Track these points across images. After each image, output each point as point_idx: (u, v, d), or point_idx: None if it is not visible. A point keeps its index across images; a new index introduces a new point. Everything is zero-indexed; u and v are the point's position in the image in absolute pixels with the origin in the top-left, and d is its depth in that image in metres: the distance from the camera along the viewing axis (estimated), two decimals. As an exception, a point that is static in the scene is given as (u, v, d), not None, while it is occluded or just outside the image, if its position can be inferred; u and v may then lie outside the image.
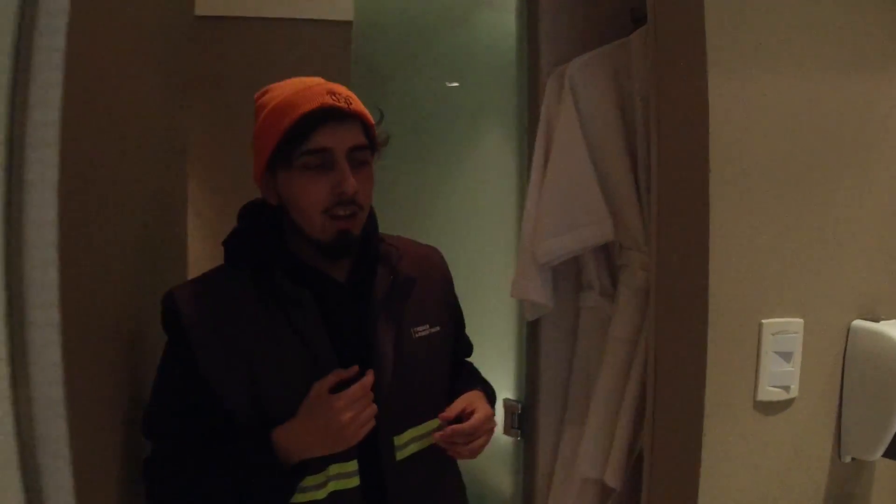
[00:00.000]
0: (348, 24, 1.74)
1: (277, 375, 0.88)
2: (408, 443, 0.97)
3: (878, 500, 0.99)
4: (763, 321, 0.87)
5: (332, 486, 0.89)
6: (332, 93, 0.87)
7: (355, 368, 0.87)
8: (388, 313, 0.97)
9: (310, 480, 0.88)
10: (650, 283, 0.99)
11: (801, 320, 0.89)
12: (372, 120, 0.93)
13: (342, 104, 0.87)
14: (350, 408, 0.84)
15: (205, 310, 0.89)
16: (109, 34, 0.82)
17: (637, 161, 1.18)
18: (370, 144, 0.92)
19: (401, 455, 0.96)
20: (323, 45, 1.73)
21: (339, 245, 0.90)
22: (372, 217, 1.00)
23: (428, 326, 1.03)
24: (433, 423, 0.98)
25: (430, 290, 1.05)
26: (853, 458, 0.95)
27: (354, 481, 0.90)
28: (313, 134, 0.85)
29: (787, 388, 0.88)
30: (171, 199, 1.19)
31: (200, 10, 1.53)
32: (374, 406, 0.87)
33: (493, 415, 1.03)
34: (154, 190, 1.08)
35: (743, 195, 0.86)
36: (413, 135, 1.68)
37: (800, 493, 0.94)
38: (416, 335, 1.00)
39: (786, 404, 0.89)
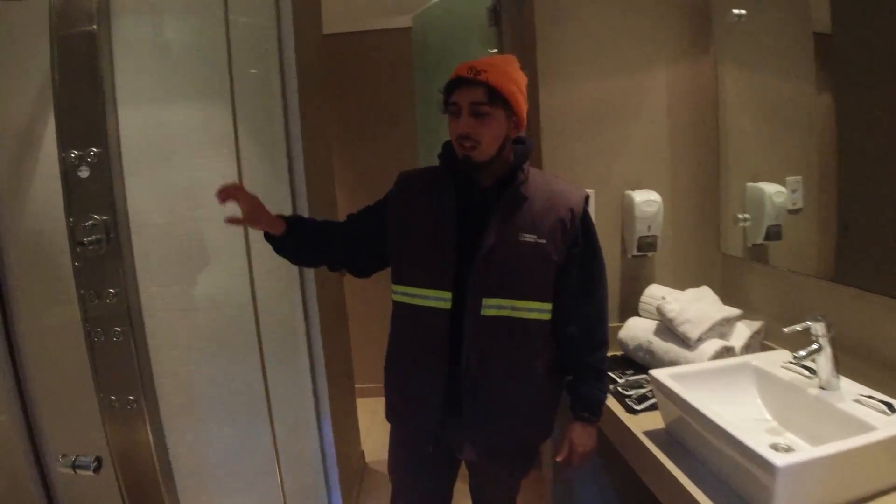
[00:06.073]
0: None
1: (414, 223, 1.36)
2: (493, 306, 1.30)
3: (651, 277, 2.06)
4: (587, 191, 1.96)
5: (433, 303, 1.32)
6: (469, 67, 1.24)
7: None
8: (503, 215, 1.30)
9: (420, 290, 1.33)
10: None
11: (593, 191, 1.97)
12: (500, 86, 1.24)
13: (469, 74, 1.23)
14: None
15: (405, 181, 1.45)
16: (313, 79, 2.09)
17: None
18: (490, 101, 1.24)
19: (485, 312, 1.30)
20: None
21: (464, 164, 1.30)
22: (523, 151, 1.36)
23: (535, 236, 1.30)
24: (521, 303, 1.31)
25: (548, 211, 1.32)
26: (633, 255, 2.02)
27: (446, 305, 1.31)
28: (451, 93, 1.28)
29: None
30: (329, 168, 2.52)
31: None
32: (245, 195, 1.33)
33: (591, 441, 1.41)
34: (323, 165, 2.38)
35: (559, 138, 1.96)
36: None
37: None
38: (523, 238, 1.30)
39: (588, 228, 1.98)
